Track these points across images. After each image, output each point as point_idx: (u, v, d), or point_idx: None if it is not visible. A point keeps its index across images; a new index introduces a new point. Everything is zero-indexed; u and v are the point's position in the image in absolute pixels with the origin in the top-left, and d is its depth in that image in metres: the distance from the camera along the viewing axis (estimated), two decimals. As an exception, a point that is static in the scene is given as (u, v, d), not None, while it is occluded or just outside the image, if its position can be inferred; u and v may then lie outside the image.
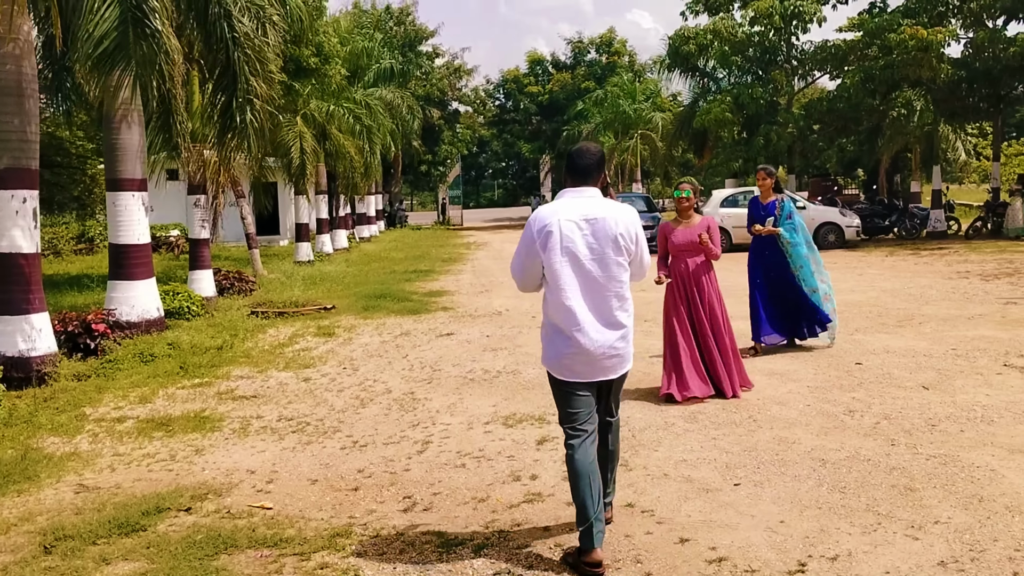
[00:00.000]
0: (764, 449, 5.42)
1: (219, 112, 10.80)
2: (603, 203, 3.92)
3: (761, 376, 7.50)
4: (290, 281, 16.06)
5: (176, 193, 24.15)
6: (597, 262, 3.84)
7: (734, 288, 11.22)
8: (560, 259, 3.82)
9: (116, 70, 8.04)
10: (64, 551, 4.14)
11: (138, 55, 7.96)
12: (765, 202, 8.58)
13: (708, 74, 29.74)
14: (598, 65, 53.38)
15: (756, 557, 3.87)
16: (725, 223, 22.38)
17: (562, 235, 3.82)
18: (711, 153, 28.81)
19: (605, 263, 3.85)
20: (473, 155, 62.59)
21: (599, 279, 3.86)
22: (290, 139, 19.78)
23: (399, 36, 43.71)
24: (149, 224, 10.78)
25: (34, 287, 7.95)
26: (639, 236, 3.96)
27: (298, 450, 5.83)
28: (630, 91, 41.64)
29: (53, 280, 15.76)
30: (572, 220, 3.84)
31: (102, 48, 7.97)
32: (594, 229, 3.84)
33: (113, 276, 10.33)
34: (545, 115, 52.82)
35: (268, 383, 7.97)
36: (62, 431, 6.38)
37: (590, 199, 3.92)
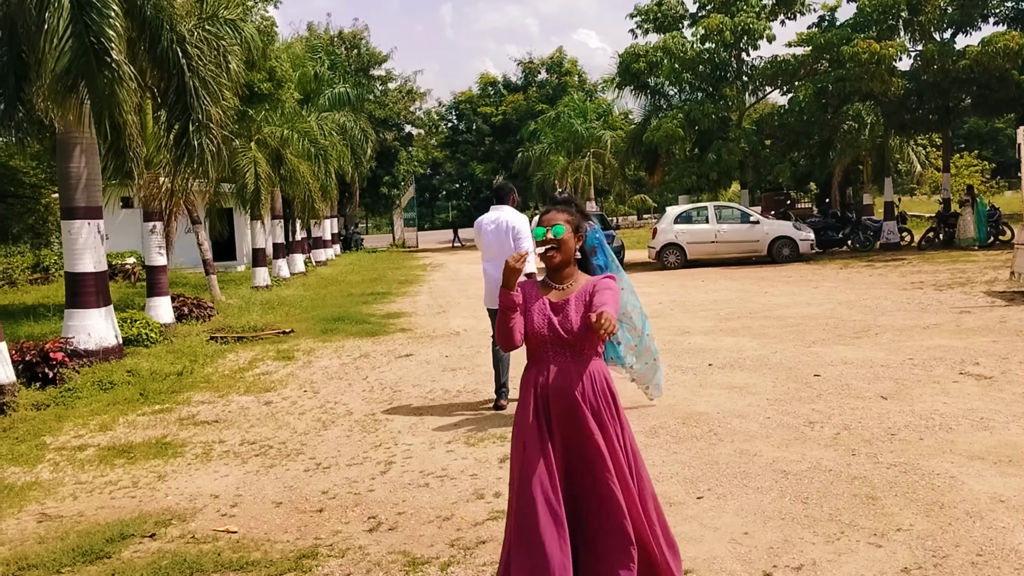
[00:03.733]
0: (726, 462, 5.53)
1: (174, 138, 10.75)
2: (504, 211, 7.32)
3: (720, 390, 7.64)
4: (248, 306, 15.91)
5: (131, 220, 23.84)
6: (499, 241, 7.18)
7: (675, 314, 11.40)
8: (482, 239, 7.35)
9: (76, 99, 7.99)
10: None
11: (100, 85, 7.93)
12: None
13: (659, 91, 30.17)
14: (549, 85, 53.88)
15: (721, 569, 3.95)
16: (679, 239, 22.77)
17: (483, 227, 7.34)
18: (663, 170, 29.21)
19: (501, 241, 7.17)
20: (427, 177, 62.59)
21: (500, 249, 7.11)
22: (244, 164, 19.65)
23: (352, 60, 43.74)
24: (105, 252, 10.64)
25: (-13, 317, 7.81)
26: (519, 228, 7.17)
27: (261, 473, 5.80)
28: (581, 110, 42.11)
29: (9, 310, 15.43)
30: (490, 220, 7.33)
31: (64, 79, 7.92)
32: (496, 225, 7.26)
33: (70, 305, 10.16)
34: (498, 136, 53.11)
35: (229, 408, 7.90)
36: (22, 461, 6.27)
37: (499, 210, 7.36)
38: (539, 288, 3.40)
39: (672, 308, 13.87)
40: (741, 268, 21.69)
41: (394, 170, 47.88)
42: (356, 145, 33.75)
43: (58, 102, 8.06)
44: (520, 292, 3.31)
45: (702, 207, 23.76)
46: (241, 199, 20.39)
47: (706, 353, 9.49)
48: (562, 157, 41.36)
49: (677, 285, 17.98)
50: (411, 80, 51.05)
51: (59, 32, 7.92)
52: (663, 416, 6.77)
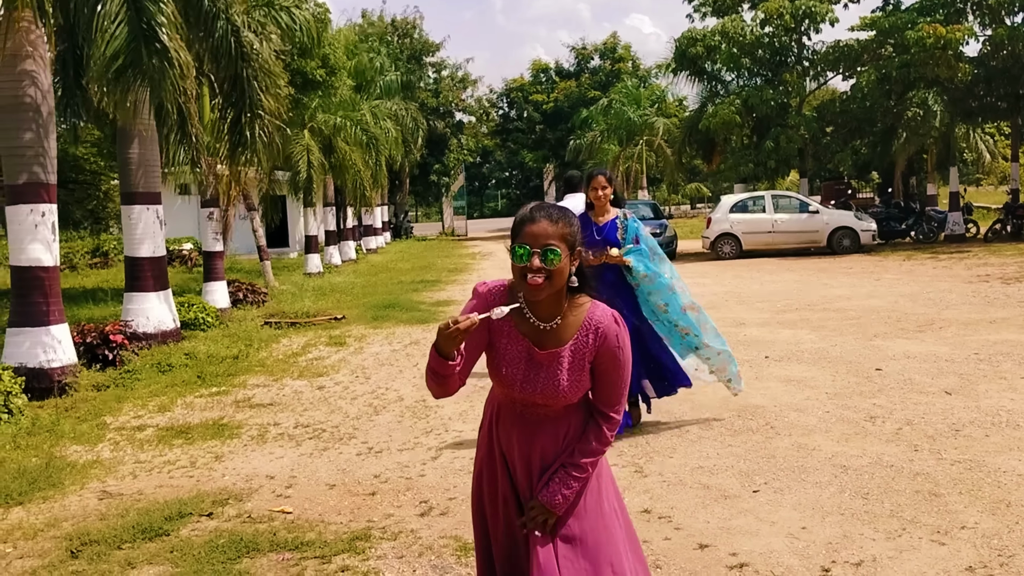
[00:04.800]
0: (783, 456, 5.41)
1: (228, 126, 10.91)
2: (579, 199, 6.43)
3: (777, 383, 7.50)
4: (301, 292, 16.13)
5: (188, 207, 24.35)
6: None
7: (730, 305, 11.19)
8: None
9: (130, 86, 8.15)
10: (90, 555, 4.18)
11: (150, 70, 8.06)
12: (601, 221, 5.88)
13: (716, 77, 29.66)
14: (602, 72, 53.44)
15: (778, 563, 3.87)
16: (735, 229, 22.40)
17: None
18: (719, 158, 28.76)
19: None
20: (476, 165, 62.71)
21: None
22: (298, 152, 19.89)
23: (405, 48, 43.95)
24: (163, 238, 10.86)
25: (53, 299, 8.02)
26: None
27: (315, 456, 5.86)
28: (635, 97, 41.66)
29: (70, 293, 15.86)
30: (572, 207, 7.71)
31: (116, 65, 8.08)
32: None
33: (129, 288, 10.40)
34: (549, 123, 52.89)
35: (284, 391, 8.01)
36: (84, 439, 6.43)
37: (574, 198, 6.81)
38: (514, 319, 2.43)
39: (727, 299, 13.65)
40: (799, 259, 21.28)
41: (444, 158, 48.05)
42: (407, 133, 33.95)
43: (107, 87, 8.21)
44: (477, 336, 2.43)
45: (759, 196, 23.34)
46: (294, 186, 20.66)
47: (762, 345, 9.32)
48: (614, 145, 41.04)
49: (732, 276, 17.71)
50: (462, 67, 51.17)
51: (112, 15, 8.07)
52: (718, 409, 6.66)
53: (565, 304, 2.41)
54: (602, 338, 2.39)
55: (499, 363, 2.46)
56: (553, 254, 2.28)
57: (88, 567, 4.06)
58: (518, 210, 2.48)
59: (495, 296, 2.44)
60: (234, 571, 3.95)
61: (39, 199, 7.97)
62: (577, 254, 2.39)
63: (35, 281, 7.92)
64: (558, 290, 2.36)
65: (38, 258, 7.93)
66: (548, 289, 2.31)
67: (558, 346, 2.40)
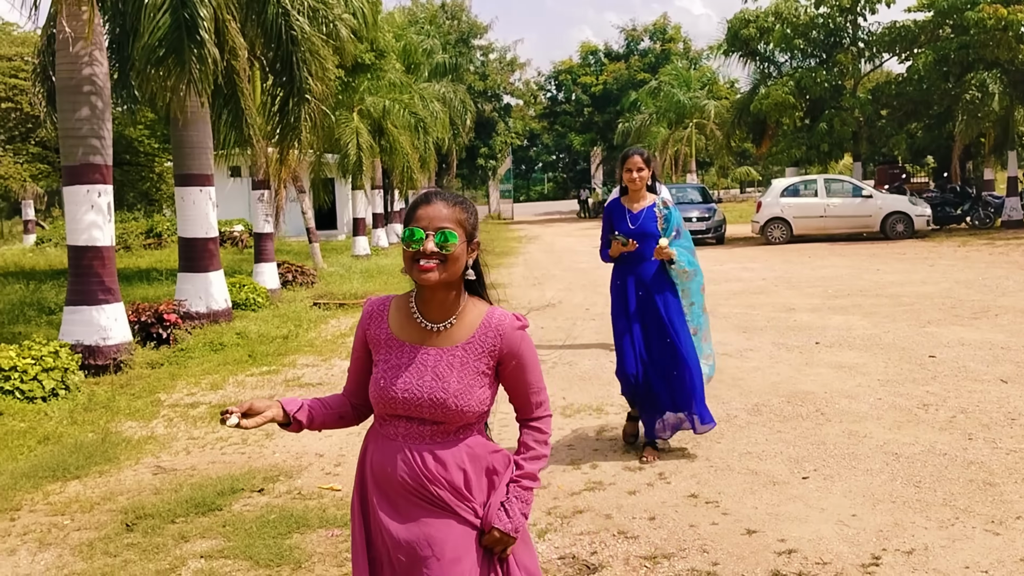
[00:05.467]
0: (833, 443, 5.33)
1: (277, 109, 11.03)
2: None
3: (827, 369, 7.37)
4: (349, 274, 16.30)
5: (239, 189, 24.76)
6: None
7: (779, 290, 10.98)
8: None
9: (172, 72, 8.29)
10: (145, 529, 4.29)
11: (190, 60, 8.19)
12: (636, 208, 5.19)
13: (769, 58, 29.07)
14: (652, 54, 52.76)
15: (828, 550, 3.81)
16: (786, 213, 22.02)
17: None
18: (771, 141, 28.23)
19: None
20: (523, 148, 62.51)
21: None
22: (347, 135, 20.04)
23: (453, 31, 43.91)
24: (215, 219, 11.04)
25: (109, 279, 8.22)
26: None
27: (362, 435, 5.91)
28: (685, 79, 41.07)
29: (124, 273, 16.23)
30: None
31: (160, 52, 8.23)
32: None
33: (183, 268, 10.62)
34: (597, 106, 52.44)
35: (332, 371, 8.11)
36: (139, 416, 6.60)
37: None
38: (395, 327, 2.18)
39: (776, 284, 13.45)
40: (851, 244, 20.85)
41: (491, 141, 47.99)
42: (455, 116, 33.97)
43: (149, 73, 8.37)
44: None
45: (811, 180, 22.90)
46: (343, 169, 20.83)
47: (813, 331, 9.17)
48: (663, 128, 40.51)
49: (782, 261, 17.44)
50: (511, 50, 50.97)
51: (157, 5, 8.20)
52: (766, 394, 6.57)
53: (461, 303, 2.16)
54: (504, 340, 2.13)
55: (378, 376, 2.16)
56: (450, 235, 2.05)
57: (143, 540, 4.16)
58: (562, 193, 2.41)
59: (378, 310, 2.22)
60: (285, 546, 4.02)
61: (95, 180, 8.15)
62: (475, 246, 2.16)
63: (91, 260, 8.11)
64: (453, 283, 2.12)
65: (94, 238, 8.12)
66: (442, 276, 2.06)
67: (450, 345, 2.13)
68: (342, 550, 3.98)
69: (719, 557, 3.79)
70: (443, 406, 2.08)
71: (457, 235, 2.07)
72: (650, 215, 5.16)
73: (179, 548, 4.06)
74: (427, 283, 2.06)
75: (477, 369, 2.12)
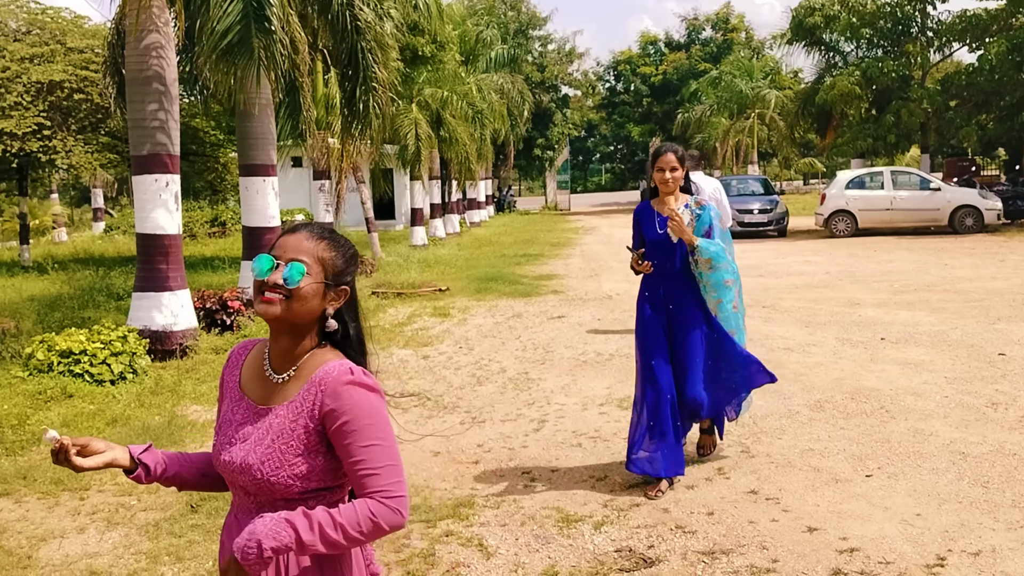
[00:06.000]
0: (898, 440, 5.20)
1: (344, 100, 11.18)
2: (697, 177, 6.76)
3: (893, 365, 7.18)
4: (407, 263, 16.45)
5: (300, 179, 25.17)
6: None
7: (844, 284, 10.67)
8: None
9: (239, 62, 8.44)
10: (208, 511, 4.40)
11: (258, 48, 8.33)
12: (667, 211, 4.59)
13: (834, 48, 28.43)
14: (714, 43, 52.00)
15: (891, 549, 3.73)
16: (850, 205, 21.50)
17: None
18: (835, 132, 27.60)
19: None
20: (581, 139, 62.24)
21: None
22: (406, 126, 20.19)
23: (512, 21, 43.87)
24: (278, 208, 11.25)
25: (176, 266, 8.43)
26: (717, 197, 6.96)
27: (420, 423, 5.99)
28: (747, 69, 40.37)
29: (190, 261, 16.65)
30: None
31: (226, 42, 8.38)
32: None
33: (246, 256, 10.85)
34: (657, 96, 51.90)
35: (390, 359, 8.20)
36: (203, 400, 6.76)
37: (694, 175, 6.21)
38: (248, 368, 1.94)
39: (840, 278, 13.15)
40: (918, 238, 20.27)
41: (549, 132, 47.88)
42: (513, 107, 33.98)
43: (216, 64, 8.52)
44: None
45: (877, 172, 22.29)
46: (402, 160, 21.01)
47: (878, 326, 8.95)
48: (724, 118, 39.92)
49: (847, 254, 17.04)
50: (569, 40, 50.77)
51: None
52: (830, 390, 6.44)
53: (306, 355, 1.85)
54: (326, 395, 1.76)
55: (215, 431, 1.91)
56: (297, 271, 1.77)
57: (206, 521, 4.27)
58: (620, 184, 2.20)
59: (237, 355, 1.97)
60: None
61: (163, 169, 8.36)
62: (341, 293, 1.85)
63: (159, 248, 8.33)
64: (299, 328, 1.83)
65: (162, 226, 8.34)
66: (283, 313, 1.77)
67: (279, 403, 1.82)
68: (400, 536, 4.03)
69: (779, 554, 3.73)
70: (251, 474, 1.77)
71: (308, 271, 1.78)
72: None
73: (241, 529, 4.16)
74: (265, 315, 1.79)
75: (294, 432, 1.77)
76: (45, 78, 15.68)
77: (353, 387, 1.77)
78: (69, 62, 16.32)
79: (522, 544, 3.93)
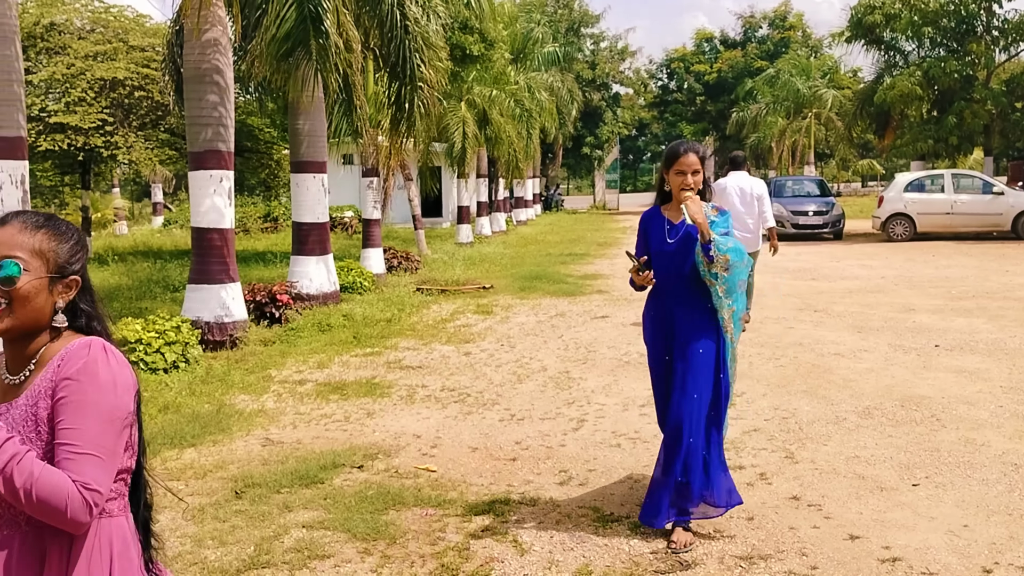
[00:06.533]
0: (948, 450, 5.07)
1: (391, 99, 11.28)
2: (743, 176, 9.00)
3: (946, 373, 7.00)
4: (452, 261, 16.54)
5: (350, 176, 25.45)
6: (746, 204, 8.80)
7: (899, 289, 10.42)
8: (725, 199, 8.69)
9: (296, 63, 8.59)
10: (253, 497, 4.49)
11: (315, 51, 8.46)
12: (678, 218, 3.99)
13: (894, 47, 27.69)
14: (770, 41, 51.15)
15: (935, 560, 3.64)
16: (909, 209, 20.99)
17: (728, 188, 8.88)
18: (895, 133, 26.94)
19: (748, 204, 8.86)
20: (631, 138, 61.73)
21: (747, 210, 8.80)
22: (454, 124, 20.29)
23: (564, 19, 43.76)
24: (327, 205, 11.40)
25: (228, 260, 8.61)
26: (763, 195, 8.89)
27: (460, 419, 6.02)
28: (804, 68, 39.61)
29: (242, 255, 16.99)
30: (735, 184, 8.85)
31: (285, 45, 8.53)
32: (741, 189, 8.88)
33: (295, 252, 11.02)
34: (710, 95, 51.21)
35: (432, 355, 8.26)
36: (251, 390, 6.90)
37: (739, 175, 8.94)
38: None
39: (896, 283, 12.86)
40: (979, 243, 19.71)
41: (598, 131, 47.62)
42: (562, 105, 33.88)
43: (275, 65, 8.67)
44: None
45: (937, 175, 21.70)
46: (450, 158, 21.12)
47: (932, 333, 8.73)
48: (780, 118, 39.24)
49: (903, 259, 16.65)
50: (622, 38, 50.45)
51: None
52: (879, 397, 6.30)
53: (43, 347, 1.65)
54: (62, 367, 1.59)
55: None
56: (9, 269, 1.57)
57: (250, 507, 4.36)
58: None
59: None
60: (381, 521, 4.13)
61: (218, 165, 8.54)
62: (71, 283, 1.66)
63: (212, 242, 8.51)
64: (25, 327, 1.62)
65: (216, 220, 8.52)
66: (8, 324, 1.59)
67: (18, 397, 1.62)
68: (436, 529, 4.06)
69: (818, 561, 3.67)
70: None
71: (25, 268, 1.58)
72: (693, 228, 3.88)
73: (283, 517, 4.23)
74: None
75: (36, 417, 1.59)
76: (108, 75, 16.10)
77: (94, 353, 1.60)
78: (131, 60, 16.76)
79: (556, 542, 3.92)
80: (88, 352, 1.59)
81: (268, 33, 8.58)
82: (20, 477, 1.47)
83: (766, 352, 8.03)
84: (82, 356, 1.59)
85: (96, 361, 1.59)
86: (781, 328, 9.29)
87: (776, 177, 28.25)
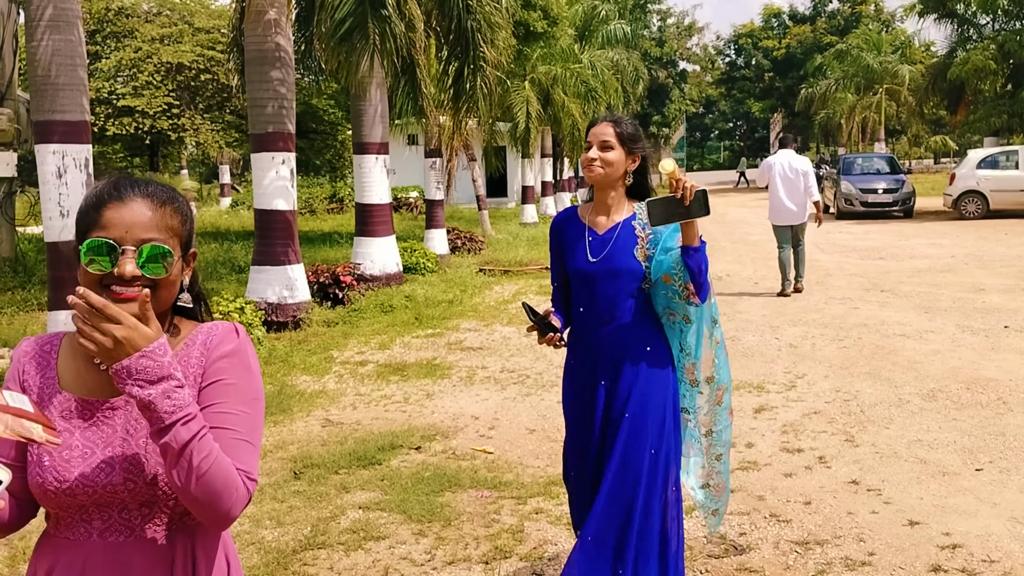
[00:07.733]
0: (1014, 434, 4.93)
1: (452, 78, 11.32)
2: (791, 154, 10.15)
3: (1015, 355, 6.78)
4: (515, 241, 16.58)
5: (416, 157, 25.66)
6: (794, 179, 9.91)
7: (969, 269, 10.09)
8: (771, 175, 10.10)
9: (356, 47, 8.67)
10: (311, 478, 4.62)
11: (373, 34, 8.53)
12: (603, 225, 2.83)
13: (968, 20, 26.60)
14: (841, 16, 49.62)
15: (997, 547, 3.56)
16: (981, 186, 20.22)
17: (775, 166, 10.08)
18: (968, 108, 25.92)
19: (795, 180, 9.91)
20: (699, 116, 60.74)
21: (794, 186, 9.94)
22: (517, 104, 20.24)
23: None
24: (391, 186, 11.53)
25: (291, 241, 8.79)
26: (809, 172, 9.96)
27: (518, 400, 6.07)
28: (875, 42, 38.31)
29: (308, 236, 17.33)
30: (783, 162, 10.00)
31: (343, 28, 8.62)
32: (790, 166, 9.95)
33: (359, 233, 11.21)
34: (779, 71, 50.01)
35: (493, 336, 8.33)
36: (313, 371, 7.07)
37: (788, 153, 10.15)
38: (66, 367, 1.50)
39: (967, 262, 12.44)
40: (1057, 221, 18.90)
41: (665, 109, 46.96)
42: (627, 83, 33.44)
43: (333, 48, 8.76)
44: None
45: (1012, 151, 20.83)
46: (513, 138, 21.10)
47: (1002, 314, 8.44)
48: (850, 94, 38.08)
49: (975, 237, 16.07)
50: (689, 15, 49.60)
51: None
52: (944, 379, 6.15)
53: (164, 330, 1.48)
54: (212, 350, 1.48)
55: (40, 453, 1.42)
56: (160, 256, 1.40)
57: (308, 488, 4.48)
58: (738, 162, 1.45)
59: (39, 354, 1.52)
60: (437, 503, 4.21)
61: (280, 147, 8.71)
62: (192, 258, 1.52)
63: (275, 224, 8.71)
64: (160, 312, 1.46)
65: (278, 202, 8.71)
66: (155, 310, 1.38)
67: None
68: (490, 511, 4.13)
69: (876, 547, 3.62)
70: (137, 470, 1.41)
71: (173, 252, 1.43)
72: (626, 237, 2.78)
73: (340, 498, 4.34)
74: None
75: None
76: (175, 59, 16.52)
77: (243, 338, 1.51)
78: (196, 42, 17.16)
79: (610, 523, 3.95)
80: (238, 336, 1.50)
81: (327, 16, 8.69)
82: (199, 456, 1.32)
83: (829, 333, 7.88)
84: (232, 339, 1.49)
85: (247, 345, 1.51)
86: (846, 308, 9.10)
87: (845, 154, 27.47)
